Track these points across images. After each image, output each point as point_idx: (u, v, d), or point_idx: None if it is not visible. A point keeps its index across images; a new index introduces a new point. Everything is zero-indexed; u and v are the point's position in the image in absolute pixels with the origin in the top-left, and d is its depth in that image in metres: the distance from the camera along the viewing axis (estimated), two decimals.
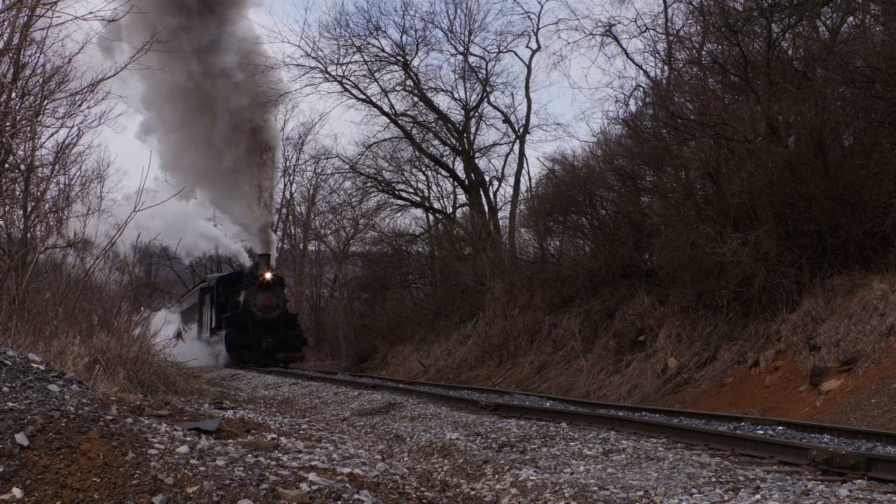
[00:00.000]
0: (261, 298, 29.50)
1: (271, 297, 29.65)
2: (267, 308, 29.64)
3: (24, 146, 11.45)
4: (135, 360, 12.38)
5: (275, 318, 29.71)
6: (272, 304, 29.80)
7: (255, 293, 29.55)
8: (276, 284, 30.16)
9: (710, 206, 17.79)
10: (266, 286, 29.60)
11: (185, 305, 42.86)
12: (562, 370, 20.20)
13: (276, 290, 30.01)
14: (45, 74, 11.64)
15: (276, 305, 29.85)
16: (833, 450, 6.78)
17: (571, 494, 5.78)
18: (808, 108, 15.81)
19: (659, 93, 21.99)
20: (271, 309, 29.74)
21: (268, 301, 29.56)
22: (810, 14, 17.87)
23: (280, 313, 29.91)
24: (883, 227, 14.61)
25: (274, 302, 29.79)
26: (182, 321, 38.13)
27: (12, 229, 13.41)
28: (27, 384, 5.95)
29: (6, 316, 11.24)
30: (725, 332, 16.83)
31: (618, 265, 20.89)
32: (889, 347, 12.67)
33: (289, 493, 4.94)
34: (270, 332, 29.49)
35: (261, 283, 29.65)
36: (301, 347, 30.28)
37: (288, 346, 29.56)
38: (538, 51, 33.98)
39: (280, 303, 30.04)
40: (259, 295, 29.53)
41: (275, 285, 30.01)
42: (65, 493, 4.67)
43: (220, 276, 36.12)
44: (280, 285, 30.80)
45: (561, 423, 9.33)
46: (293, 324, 30.56)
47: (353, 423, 10.79)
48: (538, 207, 24.97)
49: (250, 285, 30.13)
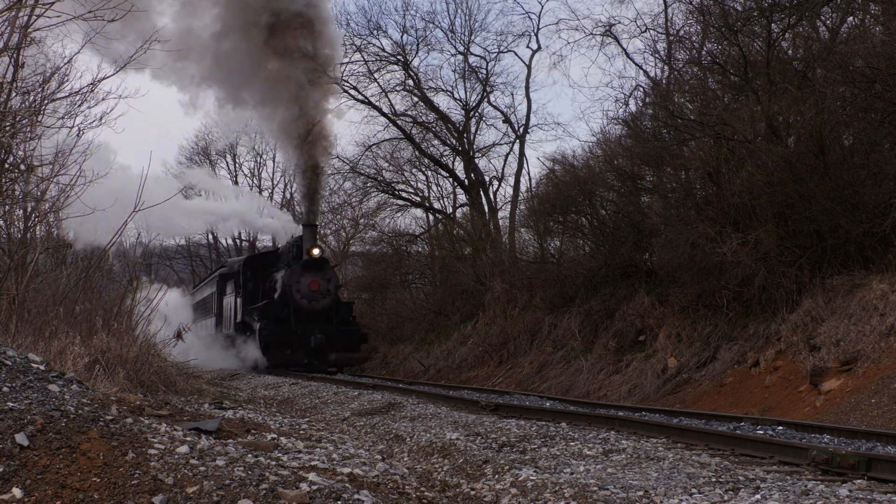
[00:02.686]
0: (305, 282, 22.95)
1: (320, 280, 23.00)
2: (314, 294, 23.02)
3: (24, 146, 11.45)
4: (135, 360, 12.39)
5: (325, 308, 23.18)
6: (321, 288, 23.08)
7: (298, 275, 23.03)
8: (325, 264, 23.67)
9: (710, 206, 17.79)
10: (312, 265, 23.03)
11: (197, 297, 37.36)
12: (562, 370, 20.20)
13: (326, 271, 23.36)
14: (45, 74, 11.66)
15: (325, 291, 23.16)
16: (833, 450, 6.78)
17: (571, 494, 5.78)
18: (808, 108, 15.81)
19: (659, 93, 21.99)
20: (320, 295, 23.11)
21: (315, 285, 22.93)
22: (810, 14, 17.86)
23: (331, 301, 23.32)
24: (883, 227, 14.60)
25: (323, 286, 23.08)
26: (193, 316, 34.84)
27: (12, 229, 13.41)
28: (27, 384, 5.95)
29: (6, 316, 11.24)
30: (725, 332, 16.83)
31: (618, 265, 20.89)
32: (889, 347, 12.67)
33: (289, 493, 4.94)
34: (319, 325, 22.95)
35: (305, 261, 23.04)
36: (360, 346, 23.76)
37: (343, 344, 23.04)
38: (538, 51, 33.98)
39: (331, 287, 23.33)
40: (303, 277, 22.97)
41: (324, 265, 23.50)
42: (65, 493, 4.67)
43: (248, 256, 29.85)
44: (330, 265, 24.18)
45: (561, 423, 9.33)
46: (348, 315, 24.11)
47: (353, 423, 10.79)
48: (538, 207, 24.96)
49: (289, 266, 23.81)
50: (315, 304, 23.04)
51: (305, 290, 22.95)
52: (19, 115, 10.54)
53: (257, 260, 27.83)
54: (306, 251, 23.08)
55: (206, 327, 32.98)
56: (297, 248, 24.04)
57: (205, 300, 34.25)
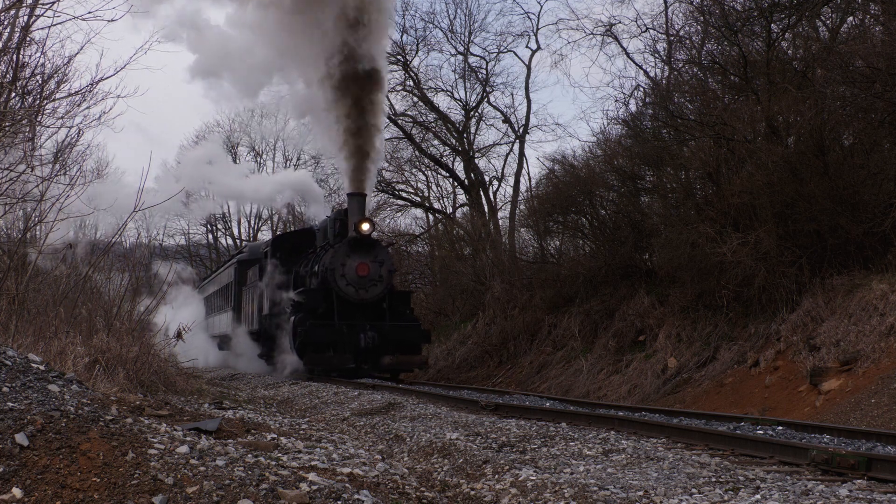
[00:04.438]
0: (352, 265, 18.50)
1: (370, 263, 18.58)
2: (363, 281, 18.53)
3: (24, 146, 11.45)
4: (135, 360, 12.39)
5: (376, 298, 18.74)
6: (372, 273, 18.59)
7: (343, 257, 18.57)
8: (376, 243, 19.25)
9: (710, 206, 17.80)
10: (361, 245, 18.67)
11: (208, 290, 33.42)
12: (562, 370, 20.21)
13: (378, 252, 18.90)
14: (45, 74, 11.65)
15: (377, 276, 18.66)
16: (833, 450, 6.78)
17: (571, 494, 5.78)
18: (808, 108, 15.81)
19: (659, 93, 22.00)
20: (370, 282, 18.62)
21: (364, 269, 18.53)
22: (810, 14, 17.87)
23: (384, 289, 18.79)
24: (883, 227, 14.61)
25: (374, 270, 18.62)
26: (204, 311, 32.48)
27: (12, 229, 13.42)
28: (27, 384, 5.95)
29: (6, 316, 11.24)
30: (725, 332, 16.84)
31: (618, 265, 20.90)
32: (889, 347, 12.68)
33: (289, 493, 4.94)
34: (370, 320, 18.54)
35: (352, 239, 18.68)
36: (420, 347, 19.21)
37: (400, 344, 18.56)
38: (538, 51, 34.01)
39: (384, 272, 18.78)
40: (349, 260, 18.53)
41: (375, 244, 19.11)
42: (65, 493, 4.67)
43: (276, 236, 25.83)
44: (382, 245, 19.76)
45: (561, 423, 9.33)
46: (405, 307, 19.54)
47: (353, 423, 10.79)
48: (538, 207, 24.97)
49: (331, 246, 19.51)
50: (364, 294, 18.52)
51: (352, 276, 18.43)
52: (19, 115, 10.54)
53: (288, 240, 23.00)
54: (353, 226, 18.61)
55: (220, 324, 29.60)
56: (341, 223, 19.78)
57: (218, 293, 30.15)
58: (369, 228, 18.70)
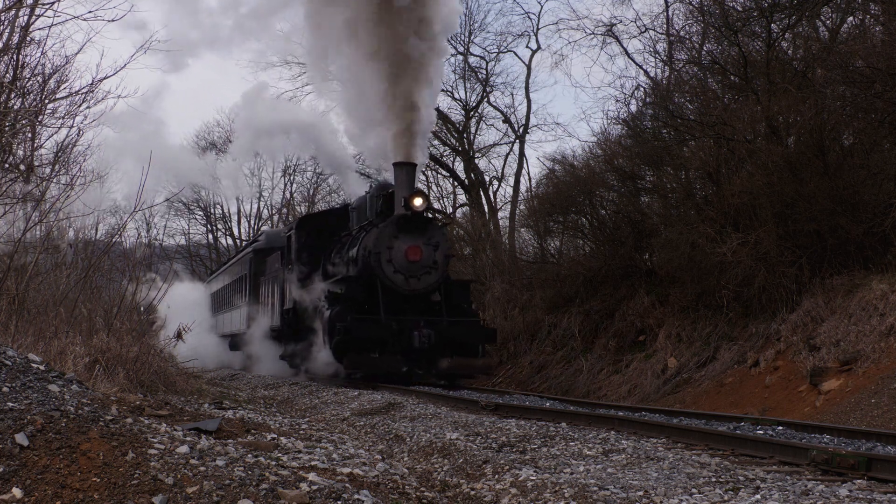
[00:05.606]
0: (401, 248, 15.54)
1: (422, 247, 15.60)
2: (415, 267, 15.57)
3: (24, 146, 11.46)
4: (135, 360, 12.39)
5: (430, 289, 15.88)
6: (425, 259, 15.63)
7: (390, 238, 15.58)
8: (430, 221, 16.34)
9: (710, 206, 17.80)
10: (412, 223, 15.65)
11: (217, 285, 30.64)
12: (562, 370, 20.22)
13: (432, 233, 15.92)
14: (45, 74, 11.67)
15: (431, 262, 15.70)
16: (833, 450, 6.78)
17: (571, 494, 5.78)
18: (808, 108, 15.82)
19: (659, 93, 22.00)
20: (423, 269, 15.65)
21: (416, 253, 15.50)
22: (810, 14, 17.88)
23: (439, 278, 15.90)
24: (883, 227, 14.61)
25: (428, 255, 15.65)
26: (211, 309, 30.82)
27: (12, 229, 13.42)
28: (27, 384, 5.95)
29: (6, 316, 11.25)
30: (725, 332, 16.85)
31: (618, 265, 20.90)
32: (889, 347, 12.68)
33: (289, 493, 4.94)
34: (422, 314, 15.63)
35: (401, 217, 15.64)
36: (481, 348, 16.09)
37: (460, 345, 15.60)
38: (538, 51, 33.93)
39: (440, 258, 15.81)
40: (398, 241, 15.58)
41: (429, 223, 16.16)
42: (65, 494, 4.67)
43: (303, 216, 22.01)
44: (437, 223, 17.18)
45: (561, 423, 9.33)
46: (464, 299, 16.52)
47: (353, 423, 10.79)
48: (538, 207, 24.98)
49: (374, 225, 16.37)
50: (415, 283, 15.60)
51: (401, 261, 15.44)
52: (19, 115, 10.55)
53: (316, 221, 19.97)
54: (404, 201, 15.42)
55: (232, 322, 27.04)
56: (385, 199, 16.59)
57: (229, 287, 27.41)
58: (422, 203, 15.41)
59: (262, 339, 21.90)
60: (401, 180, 15.96)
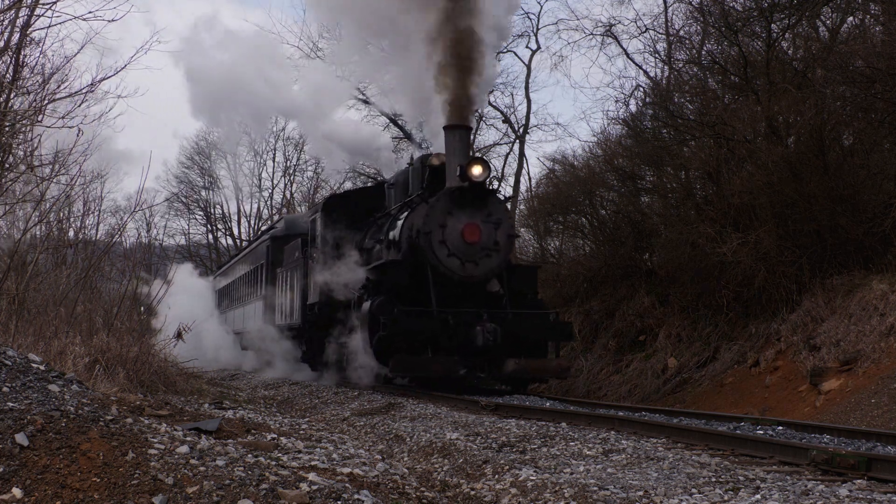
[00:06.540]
0: (456, 227, 13.06)
1: (481, 224, 13.11)
2: (472, 250, 13.09)
3: (24, 146, 11.47)
4: (135, 360, 12.40)
5: (489, 274, 13.35)
6: (485, 239, 13.15)
7: (442, 214, 13.11)
8: (491, 194, 13.56)
9: (710, 206, 17.81)
10: (468, 196, 13.12)
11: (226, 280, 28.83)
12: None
13: (493, 207, 13.38)
14: (45, 74, 11.66)
15: (492, 244, 13.19)
16: (833, 450, 6.78)
17: (571, 494, 5.78)
18: (808, 108, 15.82)
19: (659, 93, 22.00)
20: (483, 251, 13.16)
21: (475, 233, 13.04)
22: (810, 14, 17.87)
23: (501, 262, 13.37)
24: (883, 227, 14.62)
25: (488, 235, 13.17)
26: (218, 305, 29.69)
27: (12, 229, 13.43)
28: (27, 384, 5.95)
29: (6, 316, 11.25)
30: (725, 332, 16.85)
31: (618, 265, 20.90)
32: (889, 347, 12.68)
33: (289, 493, 4.94)
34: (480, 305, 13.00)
35: (455, 190, 13.12)
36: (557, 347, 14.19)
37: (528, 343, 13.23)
38: (538, 51, 33.91)
39: (501, 238, 13.25)
40: (451, 219, 13.10)
41: (489, 196, 13.47)
42: (65, 494, 4.67)
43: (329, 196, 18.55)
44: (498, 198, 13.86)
45: (561, 423, 9.32)
46: (530, 287, 14.03)
47: (353, 423, 10.79)
48: (538, 207, 24.97)
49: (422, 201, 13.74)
50: (473, 269, 13.08)
51: (457, 243, 12.97)
52: (19, 115, 10.55)
53: (345, 202, 16.96)
54: (459, 170, 12.85)
55: (244, 318, 24.98)
56: (433, 171, 14.03)
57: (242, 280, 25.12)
58: (482, 173, 12.79)
59: (279, 338, 19.64)
60: (453, 147, 13.20)
